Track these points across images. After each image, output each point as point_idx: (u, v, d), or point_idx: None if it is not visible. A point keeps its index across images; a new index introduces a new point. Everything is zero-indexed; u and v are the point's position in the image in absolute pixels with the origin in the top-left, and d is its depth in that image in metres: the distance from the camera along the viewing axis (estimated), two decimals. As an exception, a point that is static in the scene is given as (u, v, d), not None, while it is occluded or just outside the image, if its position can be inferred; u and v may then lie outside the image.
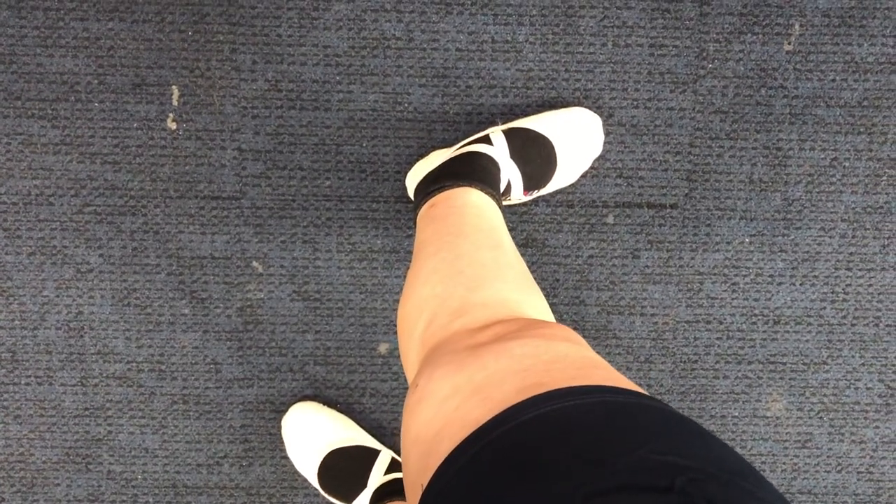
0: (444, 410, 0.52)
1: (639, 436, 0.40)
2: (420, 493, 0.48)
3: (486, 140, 1.00)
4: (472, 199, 0.87)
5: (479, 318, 0.63)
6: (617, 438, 0.40)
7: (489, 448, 0.44)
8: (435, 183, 0.91)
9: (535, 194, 1.04)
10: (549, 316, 0.69)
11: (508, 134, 1.01)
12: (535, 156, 1.01)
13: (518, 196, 1.02)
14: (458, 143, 1.06)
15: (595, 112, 1.06)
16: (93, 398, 1.15)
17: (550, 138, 1.02)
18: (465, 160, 0.96)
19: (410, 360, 0.68)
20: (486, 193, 0.89)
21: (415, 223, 0.92)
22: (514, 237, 1.10)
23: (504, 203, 0.99)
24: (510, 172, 0.98)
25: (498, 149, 0.98)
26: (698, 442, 0.41)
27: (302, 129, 1.09)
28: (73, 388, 1.15)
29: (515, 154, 0.99)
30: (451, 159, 0.97)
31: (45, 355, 1.14)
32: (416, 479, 0.50)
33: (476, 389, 0.51)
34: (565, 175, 1.05)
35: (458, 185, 0.89)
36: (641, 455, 0.38)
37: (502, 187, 0.97)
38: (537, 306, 0.69)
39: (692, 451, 0.39)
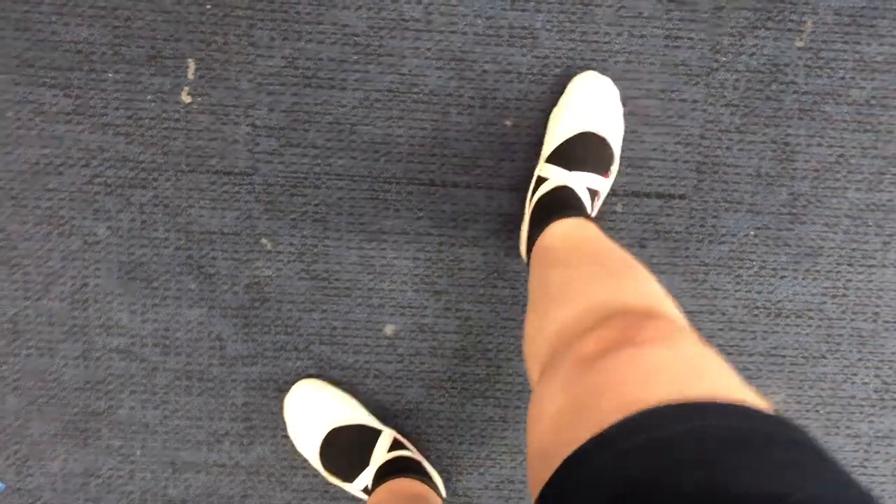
0: (559, 425, 0.53)
1: (762, 472, 0.40)
2: None
3: (541, 180, 1.02)
4: (555, 231, 0.91)
5: (577, 329, 0.63)
6: (734, 477, 0.40)
7: (591, 478, 0.45)
8: (530, 239, 0.96)
9: (614, 169, 1.06)
10: (653, 289, 0.68)
11: (550, 159, 1.02)
12: (584, 151, 1.02)
13: (603, 187, 1.03)
14: (473, 127, 1.07)
15: (583, 75, 1.08)
16: (94, 371, 1.14)
17: (584, 130, 1.03)
18: (540, 208, 0.99)
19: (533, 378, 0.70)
20: (568, 216, 0.92)
21: None
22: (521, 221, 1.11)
23: (599, 200, 1.03)
24: (584, 181, 1.00)
25: (555, 176, 1.00)
26: (842, 480, 0.41)
27: (317, 108, 1.09)
28: (75, 360, 1.14)
29: (574, 165, 1.01)
30: (531, 216, 1.00)
31: (47, 327, 1.13)
32: (534, 493, 0.52)
33: (577, 405, 0.52)
34: (617, 136, 1.07)
35: (542, 230, 0.93)
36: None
37: (587, 197, 0.99)
38: (636, 287, 0.69)
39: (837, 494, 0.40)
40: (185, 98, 1.08)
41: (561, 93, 1.08)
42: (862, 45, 1.09)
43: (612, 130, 1.06)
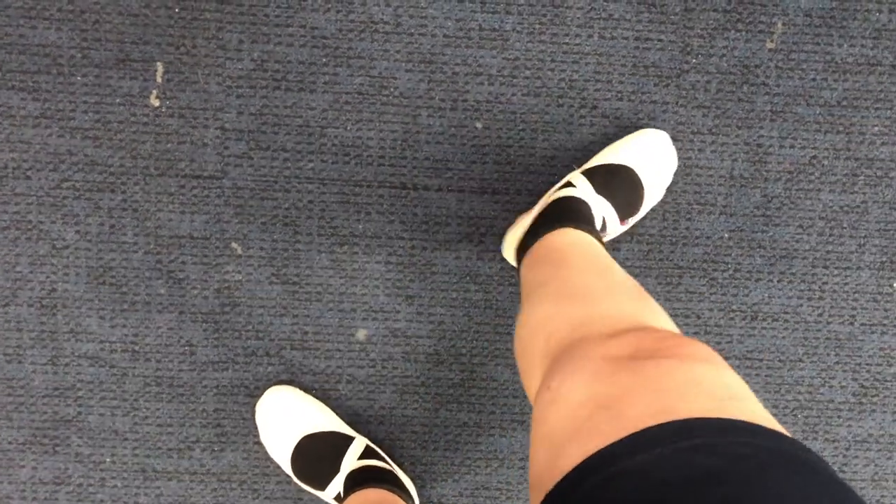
0: (578, 417, 0.52)
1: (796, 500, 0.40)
2: (543, 493, 0.49)
3: (569, 185, 1.02)
4: (570, 238, 0.90)
5: (605, 327, 0.63)
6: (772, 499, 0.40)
7: (624, 475, 0.44)
8: (531, 236, 0.94)
9: (632, 221, 1.06)
10: (671, 325, 0.69)
11: (587, 173, 1.02)
12: (621, 185, 1.02)
13: (615, 228, 1.03)
14: (444, 130, 1.06)
15: (660, 130, 1.08)
16: (63, 378, 1.13)
17: (629, 165, 1.04)
18: (555, 208, 0.98)
19: (534, 377, 0.68)
20: (583, 230, 0.91)
21: (519, 280, 0.95)
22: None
23: (605, 238, 1.01)
24: (602, 208, 1.00)
25: (582, 189, 1.00)
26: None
27: (286, 111, 1.08)
28: (44, 367, 1.13)
29: (601, 189, 1.01)
30: (542, 211, 0.99)
31: (15, 333, 1.12)
32: (542, 479, 0.50)
33: (608, 402, 0.51)
34: (653, 195, 1.07)
35: (554, 230, 0.92)
36: None
37: (598, 224, 0.99)
38: (656, 316, 0.68)
39: None
40: (154, 101, 1.08)
41: (531, 96, 1.08)
42: (833, 47, 1.08)
43: (653, 186, 1.06)
